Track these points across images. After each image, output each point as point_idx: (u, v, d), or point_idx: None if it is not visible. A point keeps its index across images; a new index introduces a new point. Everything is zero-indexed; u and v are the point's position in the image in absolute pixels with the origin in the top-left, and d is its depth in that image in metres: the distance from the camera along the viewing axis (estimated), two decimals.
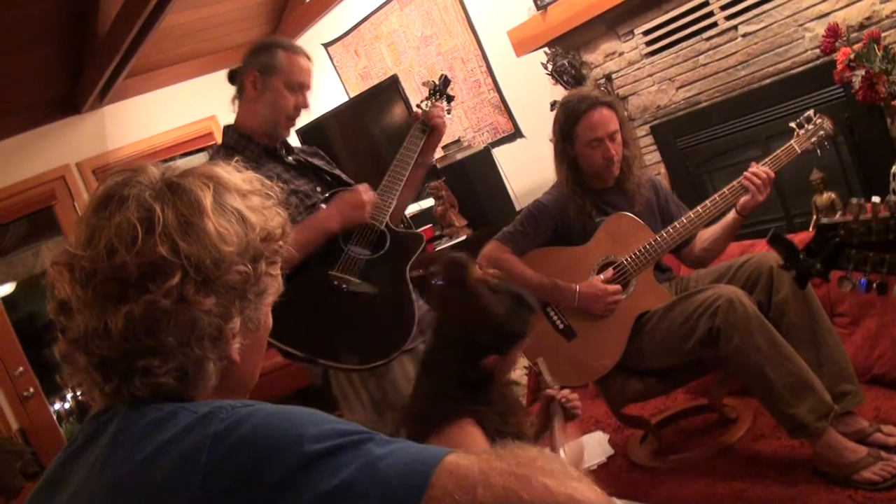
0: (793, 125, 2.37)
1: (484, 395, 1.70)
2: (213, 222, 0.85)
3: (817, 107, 2.40)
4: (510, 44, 3.70)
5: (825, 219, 1.12)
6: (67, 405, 5.12)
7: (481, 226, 3.96)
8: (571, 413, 1.87)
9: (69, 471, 0.83)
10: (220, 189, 0.89)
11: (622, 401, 2.54)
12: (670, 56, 3.32)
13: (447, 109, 2.48)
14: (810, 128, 2.34)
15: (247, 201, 0.90)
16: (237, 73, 2.29)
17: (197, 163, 0.95)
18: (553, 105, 3.56)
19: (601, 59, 3.60)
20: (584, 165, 2.50)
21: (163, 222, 0.83)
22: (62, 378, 0.88)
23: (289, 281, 0.99)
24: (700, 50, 3.21)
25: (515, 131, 4.27)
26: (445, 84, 2.53)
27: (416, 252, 2.27)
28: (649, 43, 3.37)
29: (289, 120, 2.27)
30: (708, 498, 2.22)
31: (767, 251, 2.39)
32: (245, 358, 0.90)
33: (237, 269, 0.86)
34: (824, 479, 2.06)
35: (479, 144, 4.37)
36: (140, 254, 0.81)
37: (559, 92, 3.70)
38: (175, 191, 0.86)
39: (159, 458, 0.75)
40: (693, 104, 3.35)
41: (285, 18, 5.19)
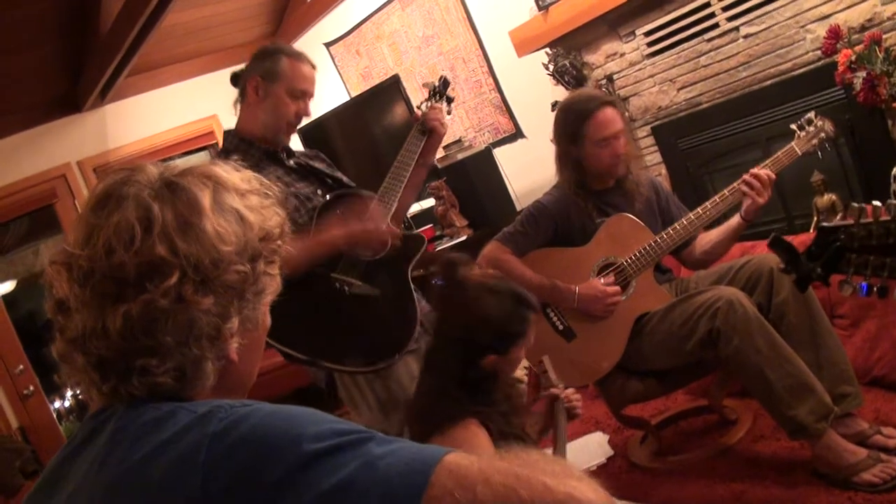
0: (793, 127, 2.37)
1: (487, 396, 1.70)
2: (212, 222, 0.85)
3: (818, 108, 2.40)
4: (511, 44, 3.70)
5: (826, 222, 1.11)
6: (67, 403, 5.12)
7: (482, 226, 3.96)
8: (574, 413, 1.87)
9: (68, 470, 0.83)
10: (219, 188, 0.88)
11: (622, 402, 2.54)
12: (671, 57, 3.32)
13: (447, 111, 2.48)
14: (811, 130, 2.33)
15: (245, 201, 0.90)
16: (240, 77, 2.28)
17: (196, 162, 0.95)
18: (554, 105, 3.56)
19: (602, 60, 3.60)
20: (591, 165, 2.49)
21: (161, 222, 0.82)
22: (61, 377, 0.88)
23: (291, 284, 0.99)
24: (701, 51, 3.21)
25: (516, 131, 4.27)
26: (445, 86, 2.52)
27: (418, 253, 2.28)
28: (651, 44, 3.37)
29: (290, 127, 2.26)
30: (707, 499, 2.22)
31: (768, 253, 2.39)
32: (243, 357, 0.90)
33: (236, 269, 0.86)
34: (824, 481, 2.06)
35: (480, 144, 4.37)
36: (138, 253, 0.81)
37: (560, 92, 3.70)
38: (174, 190, 0.86)
39: (158, 458, 0.75)
40: (694, 105, 3.35)
41: (287, 18, 5.19)
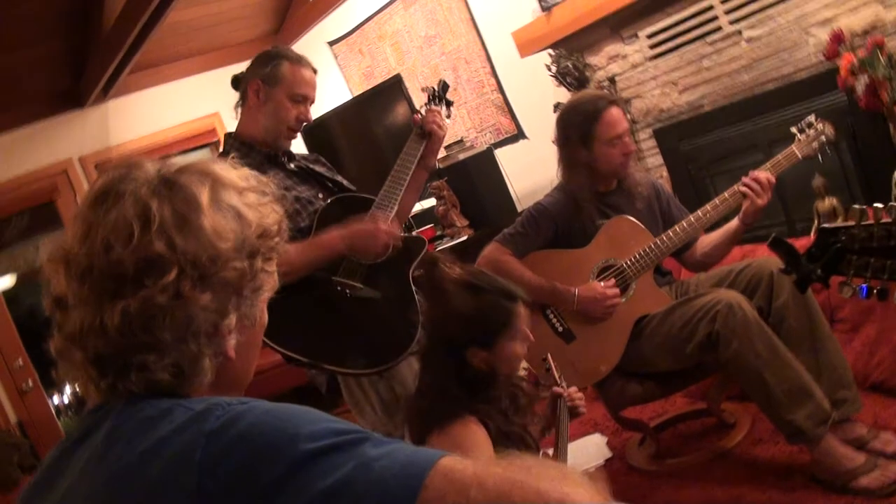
0: (794, 130, 2.37)
1: (485, 393, 1.70)
2: (210, 219, 0.85)
3: (820, 112, 2.39)
4: (514, 45, 3.70)
5: (827, 223, 1.11)
6: (66, 399, 5.12)
7: (483, 226, 3.96)
8: (577, 411, 1.88)
9: (65, 465, 0.83)
10: (217, 185, 0.88)
11: (621, 404, 2.54)
12: (674, 59, 3.32)
13: (447, 114, 2.48)
14: (811, 133, 2.33)
15: (243, 198, 0.90)
16: (240, 80, 2.28)
17: (196, 159, 0.95)
18: (556, 107, 3.56)
19: (605, 62, 3.60)
20: (602, 166, 2.49)
21: (159, 219, 0.83)
22: (60, 372, 0.88)
23: (293, 288, 0.99)
24: (704, 54, 3.21)
25: (518, 132, 4.27)
26: (444, 89, 2.53)
27: (418, 255, 2.28)
28: (653, 46, 3.37)
29: (290, 131, 2.26)
30: (705, 502, 2.22)
31: (768, 256, 2.39)
32: (241, 354, 0.90)
33: (233, 266, 0.86)
34: (822, 486, 2.06)
35: (482, 145, 4.37)
36: (136, 250, 0.81)
37: (562, 94, 3.70)
38: (172, 187, 0.86)
39: (154, 456, 0.75)
40: (696, 108, 3.35)
41: (290, 16, 5.19)
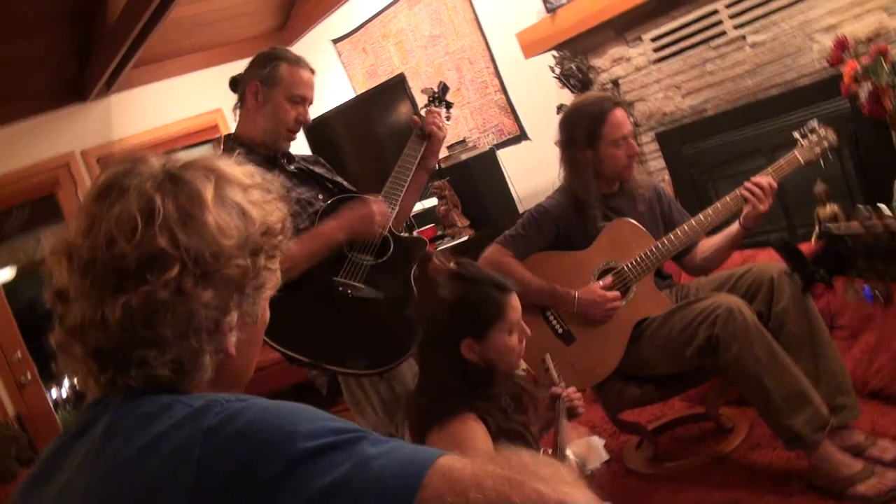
0: (796, 135, 2.37)
1: (485, 390, 1.71)
2: (214, 215, 0.85)
3: (823, 118, 2.39)
4: (518, 46, 3.70)
5: (833, 225, 1.12)
6: (64, 392, 5.12)
7: (484, 227, 3.96)
8: (575, 411, 1.89)
9: (63, 459, 0.83)
10: (222, 182, 0.88)
11: (619, 406, 2.54)
12: (678, 63, 3.32)
13: (447, 116, 2.48)
14: (814, 138, 2.33)
15: (248, 195, 0.90)
16: (239, 82, 2.28)
17: (200, 155, 0.95)
18: (560, 108, 3.56)
19: (608, 64, 3.60)
20: (608, 167, 2.49)
21: (163, 214, 0.82)
22: (59, 365, 0.88)
23: (294, 287, 0.99)
24: (707, 58, 3.21)
25: (521, 133, 4.27)
26: (444, 91, 2.53)
27: (419, 255, 2.29)
28: (657, 49, 3.37)
29: (289, 133, 2.27)
30: None
31: (769, 261, 2.39)
32: (241, 352, 0.90)
33: (236, 263, 0.86)
34: (819, 493, 2.06)
35: (485, 145, 4.37)
36: (139, 245, 0.81)
37: (566, 95, 3.70)
38: (176, 182, 0.86)
39: (153, 451, 0.75)
40: (699, 112, 3.35)
41: (294, 14, 5.19)
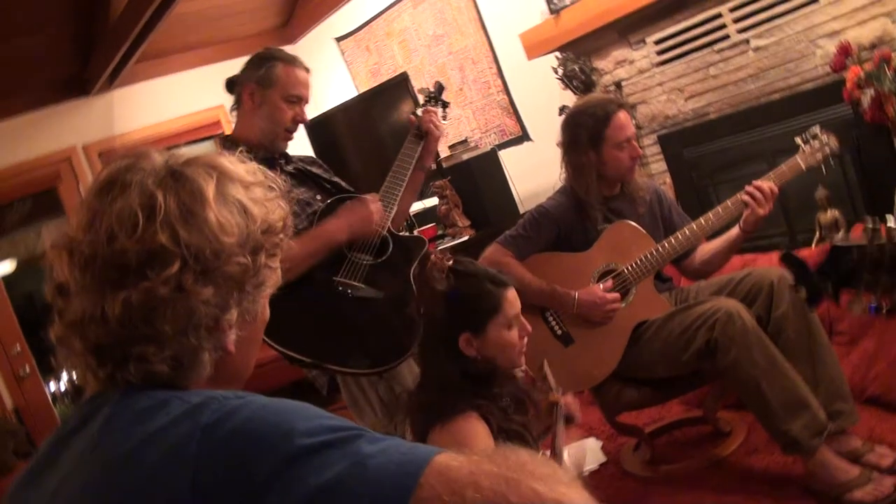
0: (798, 140, 2.37)
1: (487, 388, 1.72)
2: (215, 212, 0.85)
3: (825, 124, 2.39)
4: (522, 46, 3.70)
5: (839, 240, 1.12)
6: (63, 386, 5.12)
7: (484, 227, 3.96)
8: (572, 419, 1.89)
9: (60, 454, 0.83)
10: (223, 179, 0.88)
11: (617, 409, 2.54)
12: (681, 66, 3.32)
13: (443, 115, 2.48)
14: (815, 144, 2.33)
15: (249, 192, 0.90)
16: (235, 84, 2.27)
17: (202, 151, 0.95)
18: (562, 110, 3.56)
19: (612, 67, 3.60)
20: (609, 169, 2.49)
21: (164, 210, 0.82)
22: (58, 359, 0.88)
23: (294, 288, 0.99)
24: (711, 62, 3.21)
25: (523, 134, 4.27)
26: (440, 91, 2.53)
27: (419, 255, 2.29)
28: (660, 52, 3.37)
29: (287, 133, 2.26)
30: None
31: (769, 266, 2.39)
32: (240, 349, 0.90)
33: (237, 261, 0.86)
34: (815, 498, 2.06)
35: (486, 146, 4.37)
36: (140, 241, 0.81)
37: (568, 97, 3.70)
38: (178, 179, 0.86)
39: (149, 448, 0.75)
40: (701, 115, 3.35)
41: (298, 11, 5.19)
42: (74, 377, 0.90)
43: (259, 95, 2.21)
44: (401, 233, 2.35)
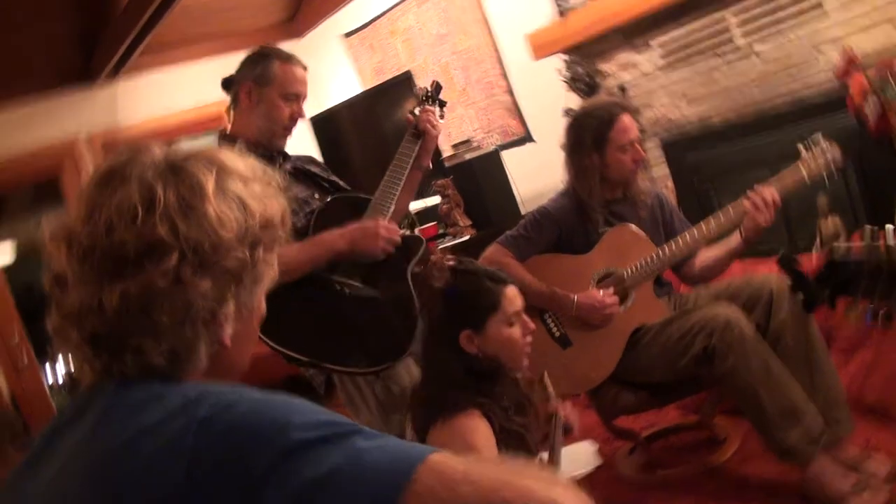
0: (800, 146, 2.36)
1: (489, 387, 1.73)
2: (214, 207, 0.85)
3: (829, 132, 2.39)
4: (527, 47, 3.69)
5: (837, 245, 1.13)
6: (60, 377, 5.13)
7: (485, 227, 3.96)
8: (569, 428, 1.90)
9: (56, 445, 0.83)
10: (223, 174, 0.89)
11: (613, 412, 2.54)
12: (686, 71, 3.32)
13: (440, 115, 2.48)
14: (817, 151, 2.33)
15: (248, 188, 0.90)
16: (232, 83, 2.27)
17: (204, 145, 0.95)
18: (566, 112, 3.55)
19: (616, 69, 3.59)
20: (613, 172, 2.50)
21: (164, 203, 0.83)
22: (55, 350, 0.88)
23: (292, 286, 1.00)
24: (715, 67, 3.21)
25: (526, 135, 4.27)
26: (437, 90, 2.53)
27: (417, 254, 2.29)
28: (665, 56, 3.37)
29: (285, 130, 2.26)
30: None
31: (769, 273, 2.39)
32: (236, 343, 0.90)
33: (235, 255, 0.86)
34: None
35: (489, 146, 4.37)
36: (139, 233, 0.82)
37: (573, 99, 3.70)
38: (178, 173, 0.86)
39: (146, 440, 0.75)
40: (705, 120, 3.35)
41: (304, 6, 5.18)
42: (71, 369, 0.90)
43: (256, 94, 2.20)
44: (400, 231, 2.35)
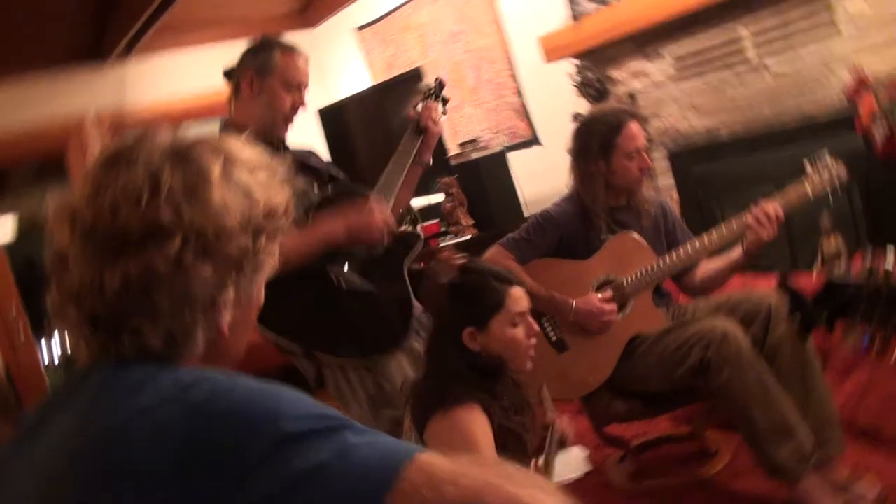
0: (806, 162, 2.36)
1: (491, 386, 1.74)
2: (219, 193, 0.85)
3: (836, 151, 2.39)
4: (540, 50, 3.69)
5: (837, 271, 1.13)
6: (56, 354, 5.14)
7: (487, 227, 3.96)
8: (565, 442, 1.91)
9: (48, 422, 0.84)
10: (229, 160, 0.89)
11: (605, 420, 2.54)
12: (697, 83, 3.32)
13: (443, 112, 2.48)
14: (823, 169, 2.33)
15: (254, 176, 0.90)
16: (233, 73, 2.26)
17: (212, 130, 0.96)
18: (575, 117, 3.55)
19: (627, 77, 3.59)
20: (618, 178, 2.50)
21: (169, 187, 0.83)
22: (52, 327, 0.89)
23: (289, 276, 1.00)
24: (727, 81, 3.21)
25: (533, 138, 4.27)
26: (440, 87, 2.53)
27: (414, 249, 2.30)
28: (678, 67, 3.36)
29: (286, 120, 2.25)
30: None
31: (768, 289, 2.39)
32: (233, 331, 0.91)
33: (237, 242, 0.86)
34: None
35: (496, 146, 4.37)
36: (143, 216, 0.82)
37: (582, 104, 3.69)
38: (184, 157, 0.86)
39: (138, 423, 0.76)
40: (713, 134, 3.34)
41: None
42: (68, 346, 0.91)
43: (258, 83, 2.19)
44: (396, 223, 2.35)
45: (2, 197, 5.64)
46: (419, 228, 4.24)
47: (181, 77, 5.05)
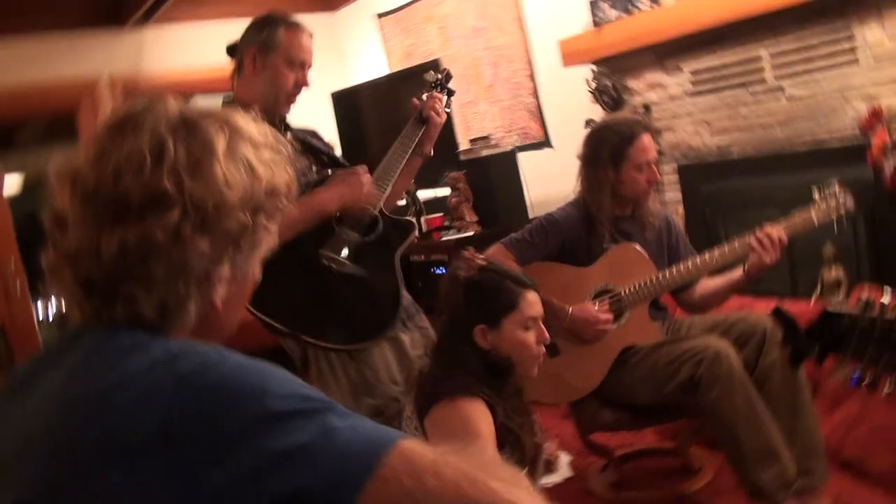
0: (814, 189, 2.36)
1: (499, 384, 1.76)
2: (222, 167, 0.85)
3: (845, 181, 2.38)
4: (559, 53, 3.68)
5: (832, 304, 1.13)
6: (51, 311, 5.14)
7: (491, 225, 3.95)
8: (551, 465, 1.92)
9: (37, 380, 0.84)
10: (235, 136, 0.89)
11: (592, 427, 2.54)
12: (713, 100, 3.31)
13: (447, 104, 2.47)
14: (831, 198, 2.32)
15: (258, 153, 0.90)
16: (236, 49, 2.25)
17: (215, 105, 0.96)
18: (588, 123, 3.54)
19: (644, 88, 3.58)
20: (626, 189, 2.49)
21: (173, 157, 0.83)
22: (48, 285, 0.89)
23: (279, 256, 1.00)
24: (743, 101, 3.20)
25: (545, 140, 4.26)
26: (447, 78, 2.51)
27: (407, 238, 2.30)
28: (695, 83, 3.35)
29: (289, 97, 2.24)
30: None
31: (765, 312, 2.39)
32: (226, 306, 0.91)
33: (237, 217, 0.86)
34: None
35: (507, 145, 4.36)
36: (145, 183, 0.82)
37: (596, 111, 3.69)
38: (191, 129, 0.86)
39: (124, 388, 0.76)
40: (724, 152, 3.34)
41: None
42: (62, 307, 0.91)
43: (261, 60, 2.18)
44: (391, 215, 2.34)
45: (10, 152, 5.63)
46: (424, 220, 4.24)
47: (197, 49, 5.03)
